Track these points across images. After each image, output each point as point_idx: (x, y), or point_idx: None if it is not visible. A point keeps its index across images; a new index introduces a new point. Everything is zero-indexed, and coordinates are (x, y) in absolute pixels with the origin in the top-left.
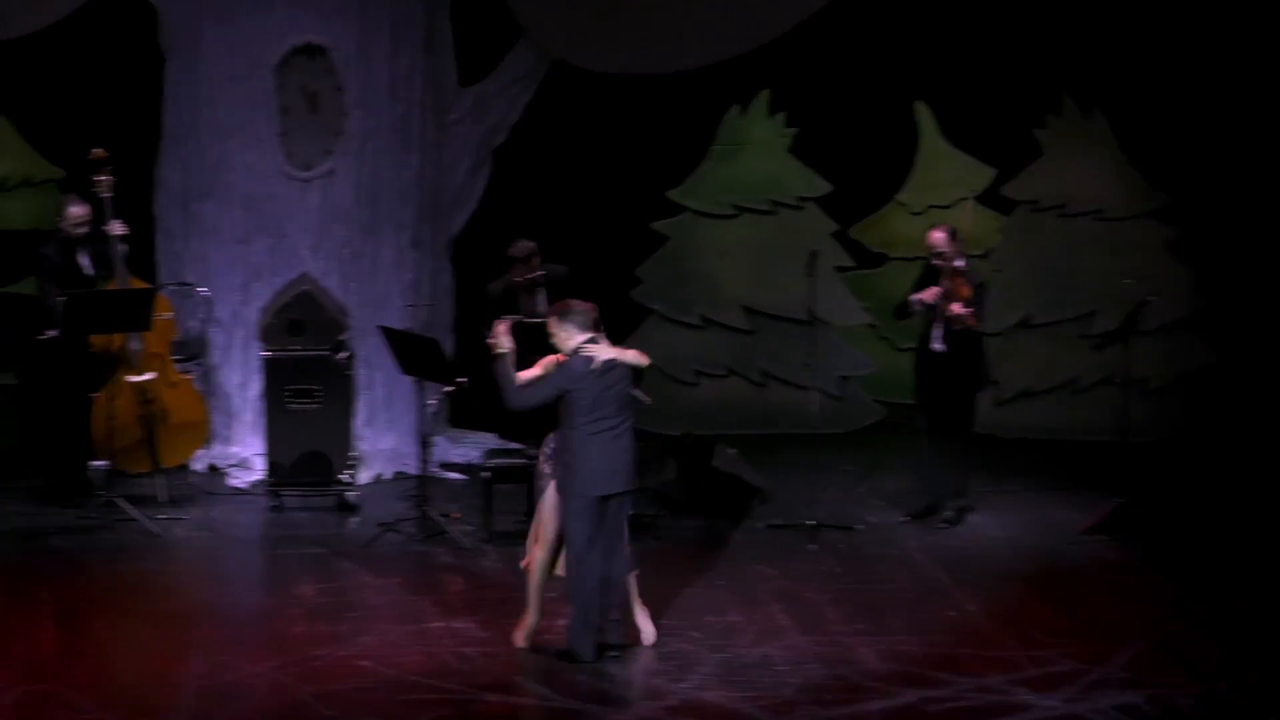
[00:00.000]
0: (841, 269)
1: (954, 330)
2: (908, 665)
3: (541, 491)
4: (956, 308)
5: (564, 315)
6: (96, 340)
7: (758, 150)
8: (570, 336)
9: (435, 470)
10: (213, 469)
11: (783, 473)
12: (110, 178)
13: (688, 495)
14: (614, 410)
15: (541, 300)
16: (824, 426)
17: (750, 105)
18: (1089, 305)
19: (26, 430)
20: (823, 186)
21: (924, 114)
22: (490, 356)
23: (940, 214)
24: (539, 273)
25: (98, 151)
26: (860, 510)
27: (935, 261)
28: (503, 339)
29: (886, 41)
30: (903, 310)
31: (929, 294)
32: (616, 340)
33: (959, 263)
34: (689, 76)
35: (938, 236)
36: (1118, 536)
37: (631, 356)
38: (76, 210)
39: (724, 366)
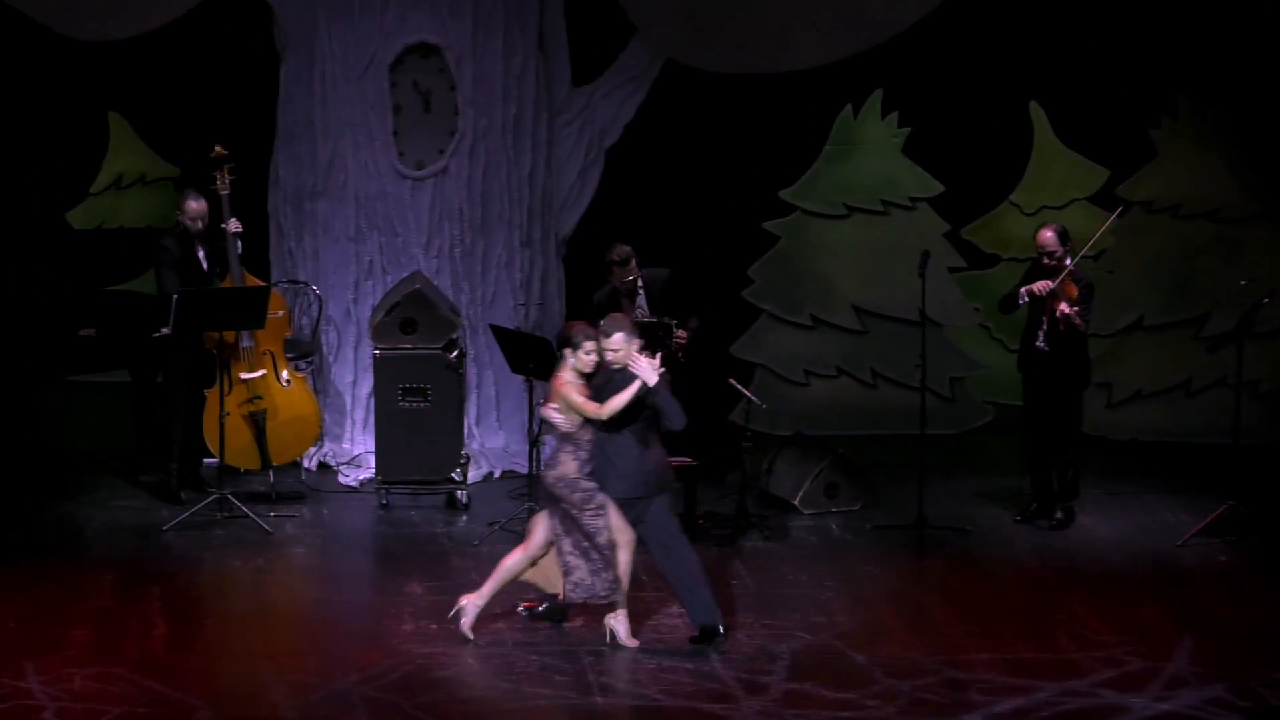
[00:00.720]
0: (953, 270)
1: (1058, 330)
2: (1016, 667)
3: (566, 504)
4: (1063, 307)
5: (631, 330)
6: (209, 337)
7: (870, 150)
8: (635, 348)
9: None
10: (323, 466)
11: (892, 474)
12: (229, 175)
13: (798, 495)
14: None
15: (642, 304)
16: (935, 427)
17: (863, 105)
18: (1203, 307)
19: (140, 427)
20: (935, 187)
21: (1038, 114)
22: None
23: (1053, 214)
24: (633, 278)
25: (219, 149)
26: (970, 511)
27: (1045, 261)
28: (649, 372)
29: (1000, 42)
30: (1010, 303)
31: (1038, 285)
32: (731, 339)
33: (1068, 262)
34: (801, 76)
35: (1047, 235)
36: (1229, 539)
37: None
38: (195, 205)
39: (834, 367)
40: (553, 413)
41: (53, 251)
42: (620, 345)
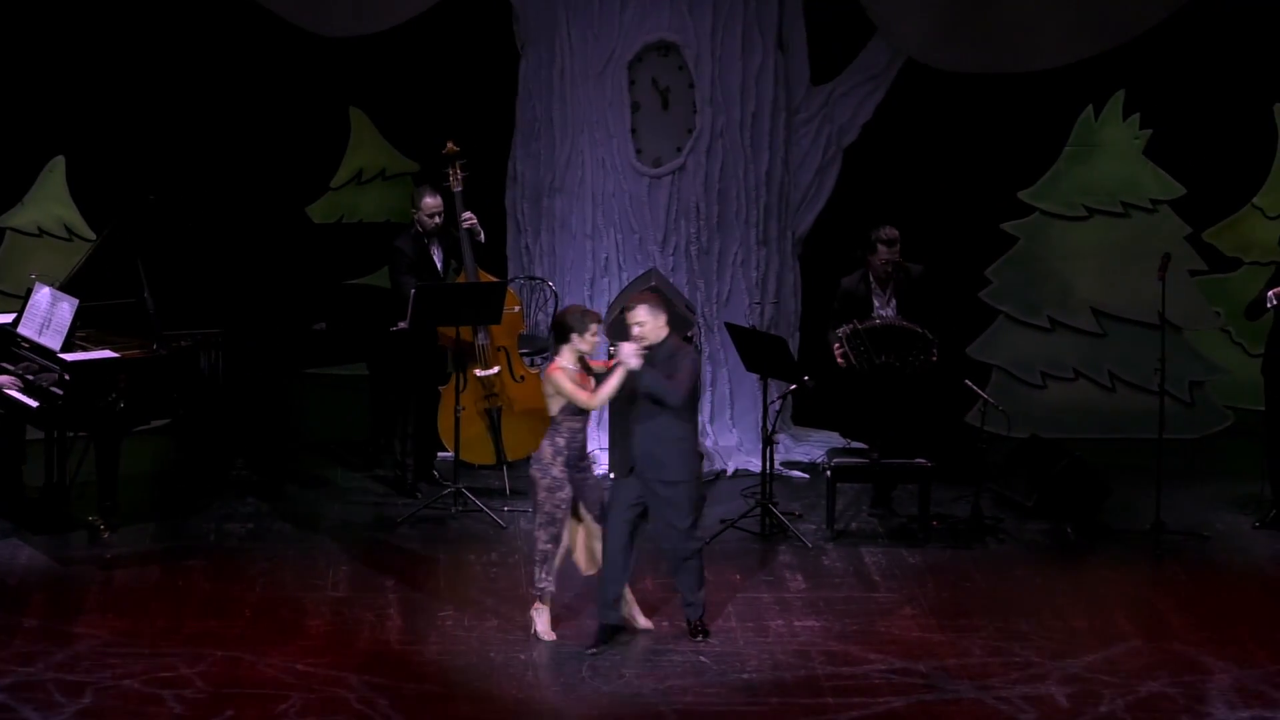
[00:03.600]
0: (1194, 273)
1: None
2: (1254, 676)
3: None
4: None
5: (659, 306)
6: (445, 334)
7: (1111, 152)
8: (662, 327)
9: (778, 468)
10: None
11: (1129, 478)
12: (462, 172)
13: (1033, 498)
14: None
15: (891, 295)
16: (1174, 432)
17: (1104, 106)
18: None
19: (377, 420)
20: (1177, 189)
21: None
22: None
23: None
24: (896, 262)
25: (451, 146)
26: (1208, 517)
27: None
28: (631, 357)
29: (1244, 43)
30: (1257, 308)
31: None
32: (968, 341)
33: None
34: (1042, 77)
35: None
36: None
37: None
38: (431, 201)
39: (1072, 369)
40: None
41: (293, 245)
42: (646, 319)
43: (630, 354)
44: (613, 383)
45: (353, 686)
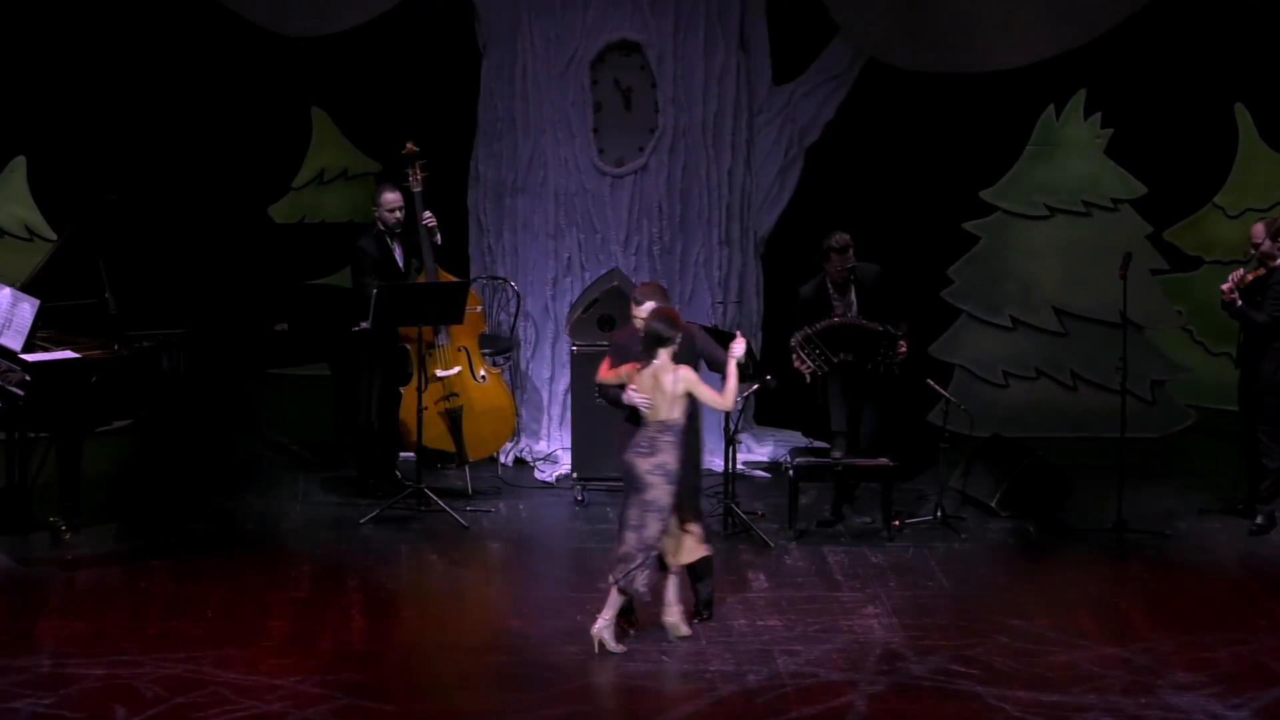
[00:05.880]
0: (1156, 272)
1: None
2: (1216, 674)
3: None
4: (1226, 286)
5: (661, 297)
6: (407, 334)
7: (1072, 151)
8: None
9: (740, 468)
10: (519, 462)
11: (1091, 476)
12: (422, 172)
13: (995, 497)
14: None
15: (852, 298)
16: (1135, 430)
17: (1065, 106)
18: None
19: (339, 420)
20: (1138, 188)
21: (1243, 116)
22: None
23: (1258, 217)
24: (850, 266)
25: (410, 146)
26: (1170, 515)
27: (1249, 253)
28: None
29: (1205, 42)
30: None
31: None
32: (930, 340)
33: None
34: (1004, 76)
35: (1256, 228)
36: None
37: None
38: (390, 196)
39: (1034, 368)
40: (641, 399)
41: (255, 245)
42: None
43: (742, 349)
44: (734, 379)
45: (316, 687)
